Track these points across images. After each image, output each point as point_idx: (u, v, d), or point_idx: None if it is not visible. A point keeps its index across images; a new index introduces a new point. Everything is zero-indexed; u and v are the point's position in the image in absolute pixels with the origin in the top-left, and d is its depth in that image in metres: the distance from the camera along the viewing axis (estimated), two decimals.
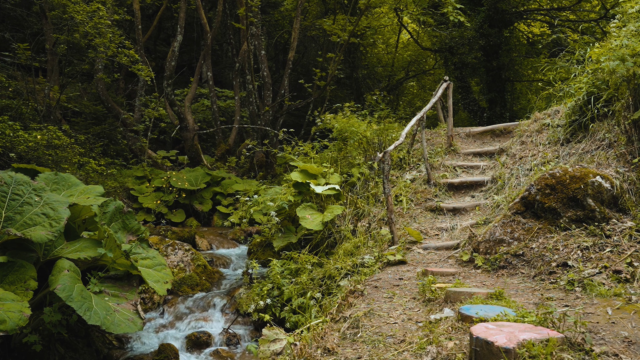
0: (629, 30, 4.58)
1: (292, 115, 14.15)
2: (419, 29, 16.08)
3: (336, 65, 11.28)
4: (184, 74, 15.21)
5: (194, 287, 5.90)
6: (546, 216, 3.93)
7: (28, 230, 3.65)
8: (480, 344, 2.12)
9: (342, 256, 4.90)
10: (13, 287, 3.43)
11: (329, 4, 15.12)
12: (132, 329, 3.61)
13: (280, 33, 15.90)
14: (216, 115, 12.19)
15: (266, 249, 6.41)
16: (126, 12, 11.02)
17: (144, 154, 10.86)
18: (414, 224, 5.69)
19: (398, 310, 3.24)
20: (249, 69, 10.89)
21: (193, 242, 7.42)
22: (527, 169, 5.70)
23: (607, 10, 11.55)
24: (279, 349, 3.40)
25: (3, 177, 3.88)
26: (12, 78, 9.87)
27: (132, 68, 9.80)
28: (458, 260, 4.35)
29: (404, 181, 6.70)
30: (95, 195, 4.51)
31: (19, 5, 11.13)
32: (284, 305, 4.74)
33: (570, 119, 5.62)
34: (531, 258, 3.73)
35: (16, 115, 8.50)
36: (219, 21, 12.24)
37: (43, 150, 7.20)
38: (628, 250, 3.32)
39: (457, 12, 10.02)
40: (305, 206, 5.69)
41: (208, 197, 9.76)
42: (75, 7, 8.44)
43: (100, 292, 3.81)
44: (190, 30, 15.09)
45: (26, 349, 3.81)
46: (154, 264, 4.32)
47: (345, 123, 7.55)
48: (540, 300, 3.05)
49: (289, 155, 8.61)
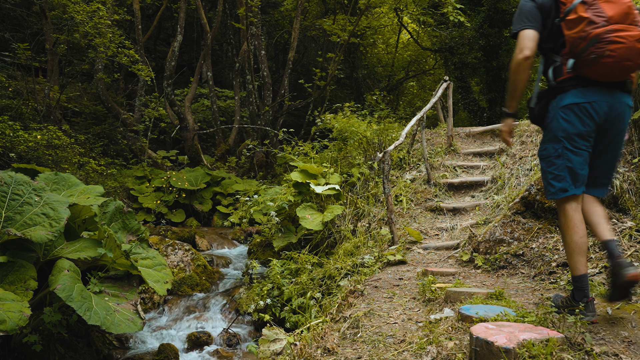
0: None
1: (292, 115, 14.16)
2: (419, 29, 16.08)
3: (336, 65, 11.28)
4: (184, 74, 15.22)
5: (194, 287, 5.90)
6: (546, 216, 3.93)
7: (28, 230, 3.65)
8: (480, 344, 2.12)
9: (342, 256, 4.90)
10: (13, 287, 3.43)
11: (329, 4, 15.12)
12: (132, 329, 3.61)
13: (280, 33, 15.91)
14: (216, 115, 12.19)
15: (266, 249, 6.41)
16: (126, 12, 11.02)
17: (144, 154, 10.86)
18: (414, 224, 5.70)
19: (398, 310, 3.24)
20: (249, 69, 10.90)
21: (193, 242, 7.42)
22: (527, 169, 5.70)
23: None
24: (279, 349, 3.40)
25: (3, 177, 3.88)
26: (12, 78, 9.87)
27: (132, 68, 9.80)
28: (458, 260, 4.36)
29: (404, 181, 6.70)
30: (95, 195, 4.51)
31: (19, 5, 11.13)
32: (284, 305, 4.74)
33: None
34: (531, 258, 3.73)
35: (16, 115, 8.51)
36: (219, 21, 12.25)
37: (43, 150, 7.20)
38: (628, 250, 3.32)
39: (457, 12, 10.02)
40: (305, 206, 5.69)
41: (208, 197, 9.76)
42: (75, 7, 8.44)
43: (100, 292, 3.81)
44: (190, 30, 15.10)
45: (26, 349, 3.81)
46: (154, 264, 4.32)
47: (345, 123, 7.55)
48: (540, 300, 3.05)
49: (289, 155, 8.61)
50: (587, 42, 2.43)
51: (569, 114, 2.55)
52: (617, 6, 2.44)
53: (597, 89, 2.52)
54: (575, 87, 2.55)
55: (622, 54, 2.38)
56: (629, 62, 2.41)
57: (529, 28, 2.60)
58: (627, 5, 2.44)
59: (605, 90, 2.53)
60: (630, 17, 2.43)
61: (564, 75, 2.58)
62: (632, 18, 2.44)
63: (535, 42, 2.60)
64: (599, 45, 2.40)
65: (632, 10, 2.45)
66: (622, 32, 2.38)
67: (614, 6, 2.43)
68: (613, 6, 2.43)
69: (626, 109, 2.58)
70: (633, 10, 2.46)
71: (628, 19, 2.43)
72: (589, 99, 2.52)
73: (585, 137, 2.55)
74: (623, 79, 2.53)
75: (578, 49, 2.47)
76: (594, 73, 2.48)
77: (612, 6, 2.43)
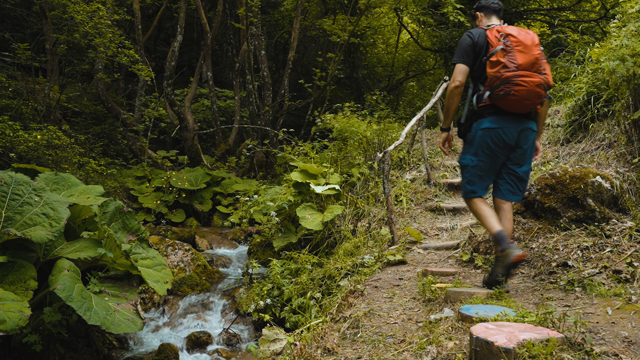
0: (629, 30, 4.58)
1: (292, 115, 14.15)
2: (419, 29, 16.08)
3: (336, 65, 11.28)
4: (184, 74, 15.22)
5: (194, 287, 5.90)
6: (546, 216, 3.93)
7: (28, 230, 3.65)
8: (480, 344, 2.12)
9: (342, 256, 4.90)
10: (13, 287, 3.43)
11: (329, 4, 15.12)
12: (132, 329, 3.61)
13: (280, 33, 15.90)
14: (216, 115, 12.18)
15: (266, 249, 6.41)
16: (126, 12, 11.02)
17: (144, 154, 10.86)
18: (414, 224, 5.70)
19: (398, 310, 3.24)
20: (249, 69, 10.90)
21: (193, 242, 7.41)
22: None
23: (607, 10, 11.55)
24: (279, 349, 3.40)
25: (3, 177, 3.88)
26: (12, 78, 9.87)
27: (132, 68, 9.80)
28: (458, 260, 4.35)
29: (404, 181, 6.70)
30: (95, 195, 4.51)
31: (19, 5, 11.13)
32: (284, 305, 4.74)
33: (570, 119, 5.62)
34: (531, 258, 3.73)
35: (16, 115, 8.50)
36: (219, 21, 12.24)
37: (43, 150, 7.19)
38: (628, 250, 3.32)
39: (457, 12, 10.02)
40: (305, 206, 5.69)
41: (208, 197, 9.76)
42: (75, 7, 8.44)
43: (100, 292, 3.81)
44: (190, 30, 15.09)
45: (26, 349, 3.81)
46: (154, 264, 4.32)
47: (345, 123, 7.55)
48: (540, 300, 3.05)
49: (289, 155, 8.61)
50: (500, 81, 3.07)
51: (485, 135, 3.22)
52: (528, 56, 3.07)
53: (508, 118, 3.18)
54: (491, 115, 3.20)
55: (523, 94, 3.04)
56: (528, 101, 3.08)
57: (462, 63, 3.26)
58: (535, 57, 3.08)
59: (514, 118, 3.18)
60: (536, 66, 3.07)
61: (483, 103, 3.22)
62: (538, 67, 3.08)
63: (465, 74, 3.27)
64: (507, 85, 3.04)
65: (539, 61, 3.09)
66: (526, 77, 3.03)
67: (525, 56, 3.07)
68: (524, 56, 3.07)
69: (530, 132, 3.25)
70: (540, 60, 3.10)
71: (534, 67, 3.07)
72: (501, 125, 3.18)
73: (495, 154, 3.24)
74: (527, 111, 3.18)
75: (493, 85, 3.11)
76: (504, 105, 3.13)
77: (524, 56, 3.07)
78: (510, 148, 3.24)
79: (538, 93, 3.07)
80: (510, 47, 3.10)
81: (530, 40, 3.11)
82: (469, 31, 3.36)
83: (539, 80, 3.05)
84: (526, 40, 3.11)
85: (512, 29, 3.17)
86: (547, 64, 3.20)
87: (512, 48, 3.09)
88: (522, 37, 3.12)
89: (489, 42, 3.19)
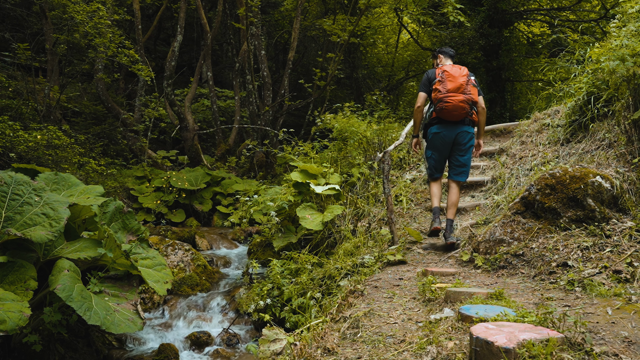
0: (629, 30, 4.59)
1: (292, 115, 14.15)
2: (419, 29, 16.08)
3: (336, 65, 11.29)
4: (184, 74, 15.22)
5: (194, 287, 5.90)
6: (546, 216, 3.93)
7: (28, 230, 3.65)
8: (480, 344, 2.12)
9: (342, 256, 4.89)
10: (13, 287, 3.43)
11: (329, 4, 15.12)
12: (132, 329, 3.61)
13: (280, 33, 15.91)
14: (216, 115, 12.18)
15: (266, 249, 6.41)
16: (126, 12, 11.01)
17: (144, 154, 10.86)
18: (414, 224, 5.70)
19: (398, 310, 3.24)
20: (249, 69, 10.90)
21: (193, 242, 7.41)
22: (527, 169, 5.70)
23: (607, 10, 11.55)
24: (279, 349, 3.40)
25: (3, 177, 3.88)
26: (12, 78, 9.86)
27: (132, 68, 9.79)
28: (458, 260, 4.36)
29: (404, 181, 6.70)
30: (95, 195, 4.51)
31: (19, 5, 11.13)
32: (284, 305, 4.74)
33: (570, 119, 5.62)
34: (531, 258, 3.73)
35: (16, 115, 8.50)
36: (219, 21, 12.24)
37: (43, 150, 7.19)
38: (628, 250, 3.32)
39: (457, 12, 10.02)
40: (305, 206, 5.69)
41: (208, 197, 9.76)
42: (75, 7, 8.44)
43: (100, 292, 3.81)
44: (190, 30, 15.09)
45: (26, 349, 3.81)
46: (154, 264, 4.32)
47: (345, 123, 7.55)
48: (540, 300, 3.05)
49: (289, 155, 8.61)
50: (437, 100, 4.63)
51: (434, 137, 4.82)
52: (454, 83, 4.57)
53: (447, 124, 4.72)
54: (436, 123, 4.78)
55: (451, 109, 4.58)
56: (456, 112, 4.59)
57: (422, 91, 4.84)
58: (461, 83, 4.57)
59: (451, 125, 4.71)
60: (460, 89, 4.56)
61: (432, 116, 4.81)
62: (462, 89, 4.56)
63: (424, 99, 4.83)
64: (441, 102, 4.59)
65: (464, 86, 4.57)
66: (453, 97, 4.55)
67: (452, 83, 4.57)
68: (452, 83, 4.58)
69: (466, 134, 4.73)
70: (465, 86, 4.57)
71: (459, 90, 4.56)
72: (442, 130, 4.74)
73: (442, 150, 4.83)
74: (459, 119, 4.66)
75: (435, 103, 4.67)
76: (443, 116, 4.67)
77: (452, 83, 4.58)
78: (451, 145, 4.77)
79: (462, 107, 4.55)
80: (444, 78, 4.61)
81: (458, 73, 4.58)
82: (427, 71, 4.86)
83: (462, 97, 4.54)
84: (455, 73, 4.59)
85: (448, 67, 4.65)
86: (473, 87, 4.61)
87: (445, 79, 4.60)
88: (453, 71, 4.60)
89: (435, 77, 4.71)
